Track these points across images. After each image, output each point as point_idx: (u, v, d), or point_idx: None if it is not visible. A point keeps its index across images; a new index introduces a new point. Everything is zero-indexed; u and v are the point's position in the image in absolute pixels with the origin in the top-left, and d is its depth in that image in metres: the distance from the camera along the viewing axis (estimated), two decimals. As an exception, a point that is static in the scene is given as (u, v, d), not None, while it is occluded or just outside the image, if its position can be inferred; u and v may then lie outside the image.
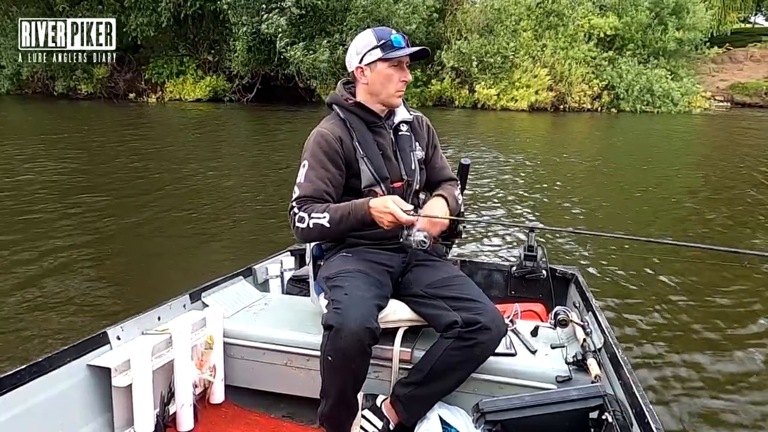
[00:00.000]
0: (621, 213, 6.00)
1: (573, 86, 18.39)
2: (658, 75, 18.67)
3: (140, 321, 1.74)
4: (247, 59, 17.87)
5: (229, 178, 7.31)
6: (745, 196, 6.72)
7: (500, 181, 7.19)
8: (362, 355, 1.44)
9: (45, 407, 1.42)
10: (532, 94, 17.92)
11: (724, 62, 23.20)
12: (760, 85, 21.13)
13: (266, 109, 16.91)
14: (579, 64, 18.62)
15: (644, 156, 10.13)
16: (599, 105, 18.66)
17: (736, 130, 14.37)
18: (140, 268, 3.97)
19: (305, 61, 16.78)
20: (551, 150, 10.60)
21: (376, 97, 1.71)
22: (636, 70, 18.70)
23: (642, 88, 18.45)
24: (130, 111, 16.21)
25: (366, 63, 1.67)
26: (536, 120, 16.09)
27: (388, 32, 1.67)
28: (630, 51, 19.47)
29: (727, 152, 10.95)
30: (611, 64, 19.10)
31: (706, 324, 3.20)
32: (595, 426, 1.37)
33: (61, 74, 19.39)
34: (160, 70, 19.69)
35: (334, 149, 1.66)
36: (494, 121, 15.56)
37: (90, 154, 8.90)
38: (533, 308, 2.22)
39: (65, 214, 5.29)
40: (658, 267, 4.08)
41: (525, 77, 18.20)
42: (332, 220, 1.57)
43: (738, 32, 26.96)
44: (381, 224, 1.54)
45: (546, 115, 17.49)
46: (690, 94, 19.02)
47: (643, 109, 18.39)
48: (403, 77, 1.70)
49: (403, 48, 1.66)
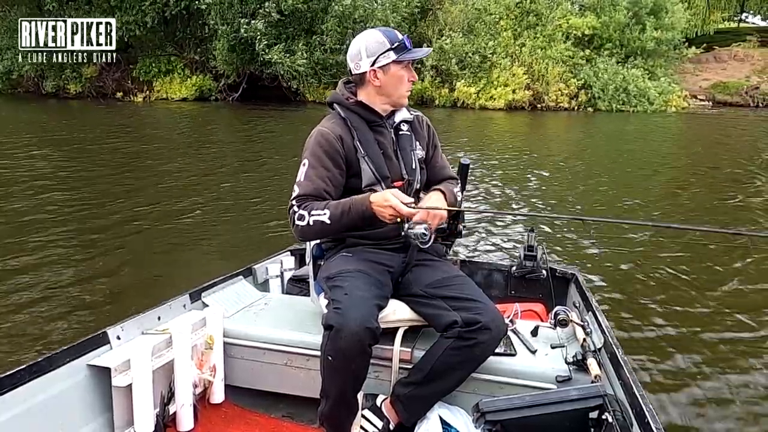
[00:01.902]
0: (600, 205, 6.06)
1: (550, 85, 18.56)
2: (634, 74, 18.79)
3: (140, 321, 1.74)
4: (230, 58, 18.06)
5: (222, 177, 7.31)
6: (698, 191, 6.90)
7: (484, 179, 7.21)
8: (362, 355, 1.44)
9: (45, 407, 1.42)
10: (509, 93, 18.07)
11: (708, 62, 23.27)
12: (741, 84, 21.19)
13: (250, 108, 16.97)
14: (556, 63, 18.76)
15: (612, 155, 10.21)
16: (576, 104, 18.81)
17: (704, 129, 14.59)
18: (140, 268, 3.96)
19: (284, 62, 17.01)
20: (530, 149, 10.68)
21: (387, 98, 1.72)
22: (613, 69, 18.82)
23: (618, 88, 18.58)
24: (117, 110, 16.26)
25: (380, 65, 1.67)
26: (513, 119, 16.28)
27: (394, 33, 1.68)
28: (608, 50, 19.62)
29: (687, 150, 11.19)
30: (589, 63, 19.23)
31: (707, 323, 3.20)
32: (595, 426, 1.37)
33: (51, 73, 19.46)
34: (147, 70, 19.78)
35: (335, 148, 1.66)
36: (472, 120, 15.68)
37: (84, 153, 8.91)
38: (533, 308, 2.22)
39: (64, 215, 5.29)
40: (659, 267, 4.08)
41: (503, 76, 18.36)
42: (333, 217, 1.57)
43: (724, 32, 26.99)
44: (382, 218, 1.53)
45: (523, 114, 17.64)
46: (666, 94, 19.15)
47: (619, 108, 18.48)
48: (411, 77, 1.72)
49: (416, 50, 1.68)
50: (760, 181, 7.43)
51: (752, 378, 2.62)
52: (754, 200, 6.45)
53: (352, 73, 1.74)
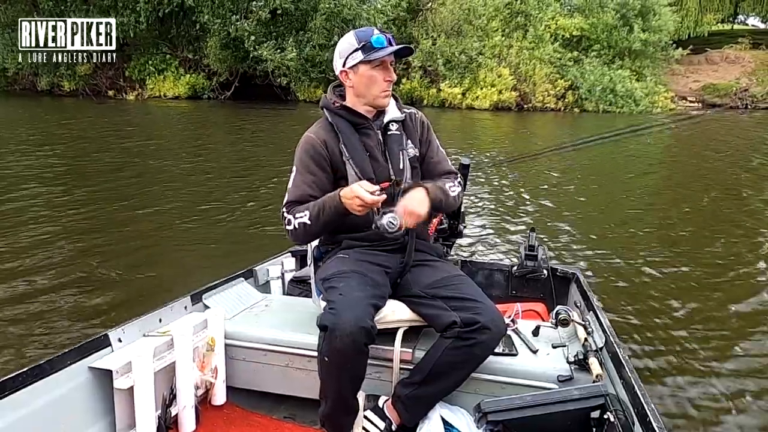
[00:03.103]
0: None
1: (537, 86, 18.64)
2: (621, 75, 18.88)
3: (141, 323, 1.74)
4: (222, 56, 18.17)
5: (219, 177, 7.32)
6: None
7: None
8: (359, 355, 1.44)
9: (46, 410, 1.42)
10: (495, 94, 18.16)
11: (700, 63, 23.32)
12: (730, 86, 21.21)
13: (243, 107, 17.03)
14: (543, 64, 18.86)
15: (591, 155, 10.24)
16: (563, 105, 18.87)
17: (682, 130, 14.63)
18: (140, 270, 3.96)
19: (274, 59, 17.13)
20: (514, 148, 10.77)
21: (363, 99, 1.72)
22: (599, 70, 18.92)
23: (605, 88, 18.66)
24: (109, 108, 16.30)
25: (349, 66, 1.68)
26: (499, 119, 16.37)
27: (370, 33, 1.67)
28: (595, 52, 19.72)
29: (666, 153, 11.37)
30: (576, 64, 19.31)
31: (707, 322, 3.20)
32: (596, 426, 1.37)
33: (45, 71, 19.46)
34: (142, 68, 19.84)
35: (319, 153, 1.69)
36: (457, 120, 15.74)
37: (78, 152, 8.90)
38: (534, 308, 2.22)
39: (63, 213, 5.29)
40: (659, 266, 4.07)
41: (490, 77, 18.46)
42: (311, 217, 1.62)
43: (719, 33, 27.00)
44: (353, 210, 1.54)
45: (509, 114, 17.71)
46: (653, 95, 19.23)
47: (605, 109, 18.56)
48: (387, 77, 1.69)
49: (384, 48, 1.65)
50: (710, 178, 7.85)
51: (755, 377, 2.62)
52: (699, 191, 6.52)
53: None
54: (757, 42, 24.17)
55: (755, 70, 22.05)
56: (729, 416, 2.32)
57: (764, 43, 23.90)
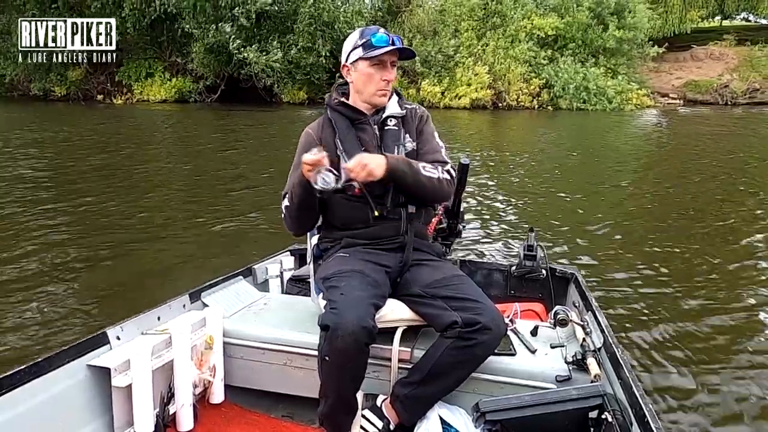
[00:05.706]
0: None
1: (511, 84, 18.81)
2: (594, 73, 18.99)
3: (140, 321, 1.74)
4: (207, 60, 18.43)
5: (215, 176, 7.33)
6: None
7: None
8: (360, 355, 1.44)
9: (44, 408, 1.42)
10: (472, 92, 18.34)
11: (686, 60, 23.44)
12: (711, 82, 21.33)
13: (228, 109, 17.16)
14: (518, 62, 19.01)
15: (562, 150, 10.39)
16: (537, 103, 18.96)
17: (648, 126, 14.80)
18: (139, 269, 3.96)
19: (259, 62, 17.37)
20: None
21: (361, 95, 1.74)
22: (573, 68, 19.02)
23: (578, 86, 18.76)
24: (98, 112, 16.41)
25: (350, 62, 1.72)
26: (476, 117, 16.58)
27: (374, 31, 1.69)
28: (570, 50, 19.79)
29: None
30: (551, 63, 19.41)
31: (707, 322, 3.19)
32: (594, 425, 1.37)
33: (37, 76, 19.76)
34: (131, 73, 20.09)
35: (314, 147, 1.68)
36: (438, 119, 15.79)
37: (77, 153, 8.92)
38: (533, 308, 2.22)
39: (62, 215, 5.29)
40: (659, 266, 4.08)
41: (466, 76, 18.62)
42: (288, 197, 1.71)
43: (707, 30, 27.05)
44: (309, 178, 1.56)
45: (486, 113, 17.83)
46: (625, 92, 19.30)
47: (579, 106, 18.65)
48: (385, 76, 1.71)
49: (383, 47, 1.66)
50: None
51: (754, 377, 2.62)
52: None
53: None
54: (742, 38, 24.28)
55: (738, 66, 22.21)
56: (728, 416, 2.32)
57: (750, 39, 23.99)
